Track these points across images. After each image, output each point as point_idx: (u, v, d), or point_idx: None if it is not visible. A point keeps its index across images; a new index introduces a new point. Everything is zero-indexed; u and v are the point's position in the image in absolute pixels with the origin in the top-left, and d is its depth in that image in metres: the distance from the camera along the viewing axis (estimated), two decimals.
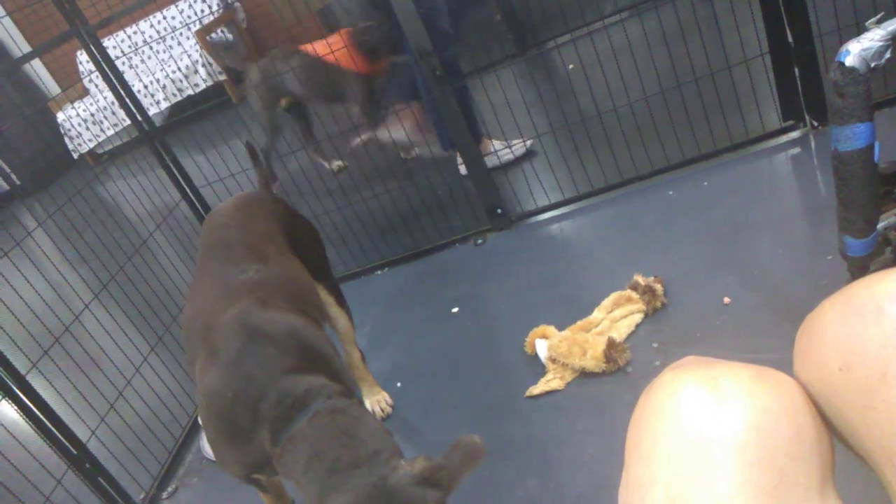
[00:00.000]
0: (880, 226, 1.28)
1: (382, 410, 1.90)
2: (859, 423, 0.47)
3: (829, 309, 0.51)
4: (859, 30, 1.16)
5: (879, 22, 1.14)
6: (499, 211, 2.45)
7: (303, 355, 1.23)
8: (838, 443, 0.51)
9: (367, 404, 1.92)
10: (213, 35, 6.48)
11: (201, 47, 6.23)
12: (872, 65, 1.14)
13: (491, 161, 2.72)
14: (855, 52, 1.13)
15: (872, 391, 0.45)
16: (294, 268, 1.55)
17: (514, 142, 2.78)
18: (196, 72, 6.27)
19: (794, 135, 2.17)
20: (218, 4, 6.61)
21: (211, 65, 6.25)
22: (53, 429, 1.86)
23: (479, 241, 2.47)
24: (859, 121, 1.16)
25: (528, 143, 2.77)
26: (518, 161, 2.78)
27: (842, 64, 1.14)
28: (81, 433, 1.95)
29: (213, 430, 1.24)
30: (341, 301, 1.82)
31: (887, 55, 1.14)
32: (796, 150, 2.13)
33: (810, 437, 0.48)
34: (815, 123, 2.13)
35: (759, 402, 0.48)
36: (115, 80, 2.46)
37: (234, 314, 1.25)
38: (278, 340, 1.22)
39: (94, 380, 2.12)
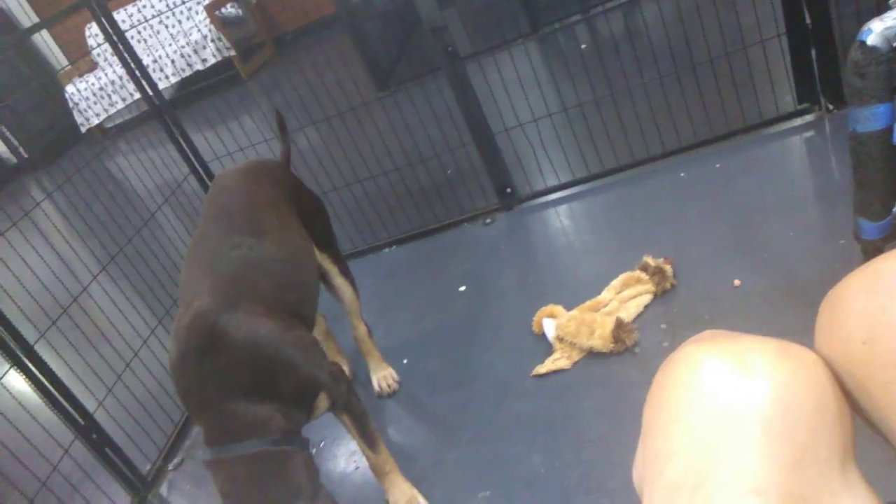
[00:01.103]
0: None
1: (389, 387, 1.90)
2: (882, 397, 0.46)
3: (854, 283, 0.50)
4: (880, 13, 1.14)
5: None
6: (508, 190, 2.44)
7: (257, 373, 1.25)
8: (857, 424, 0.51)
9: (374, 380, 1.92)
10: (223, 10, 6.43)
11: (211, 22, 6.20)
12: (894, 44, 1.12)
13: None
14: (877, 31, 1.11)
15: None
16: (291, 242, 1.54)
17: None
18: (205, 47, 6.23)
19: (809, 118, 2.14)
20: None
21: (220, 40, 6.22)
22: (61, 399, 1.86)
23: (488, 221, 2.46)
24: (879, 101, 1.15)
25: None
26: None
27: (863, 43, 1.13)
28: (89, 404, 1.96)
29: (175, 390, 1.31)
30: (345, 271, 1.82)
31: None
32: (810, 134, 2.10)
33: (832, 412, 0.47)
34: (831, 107, 2.11)
35: (784, 376, 0.47)
36: (125, 54, 2.44)
37: (202, 310, 1.25)
38: (236, 353, 1.23)
39: (102, 351, 2.13)
